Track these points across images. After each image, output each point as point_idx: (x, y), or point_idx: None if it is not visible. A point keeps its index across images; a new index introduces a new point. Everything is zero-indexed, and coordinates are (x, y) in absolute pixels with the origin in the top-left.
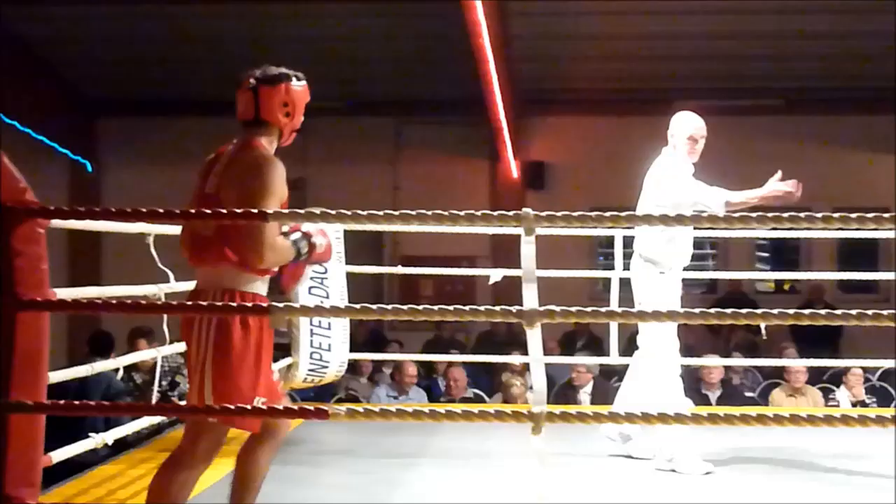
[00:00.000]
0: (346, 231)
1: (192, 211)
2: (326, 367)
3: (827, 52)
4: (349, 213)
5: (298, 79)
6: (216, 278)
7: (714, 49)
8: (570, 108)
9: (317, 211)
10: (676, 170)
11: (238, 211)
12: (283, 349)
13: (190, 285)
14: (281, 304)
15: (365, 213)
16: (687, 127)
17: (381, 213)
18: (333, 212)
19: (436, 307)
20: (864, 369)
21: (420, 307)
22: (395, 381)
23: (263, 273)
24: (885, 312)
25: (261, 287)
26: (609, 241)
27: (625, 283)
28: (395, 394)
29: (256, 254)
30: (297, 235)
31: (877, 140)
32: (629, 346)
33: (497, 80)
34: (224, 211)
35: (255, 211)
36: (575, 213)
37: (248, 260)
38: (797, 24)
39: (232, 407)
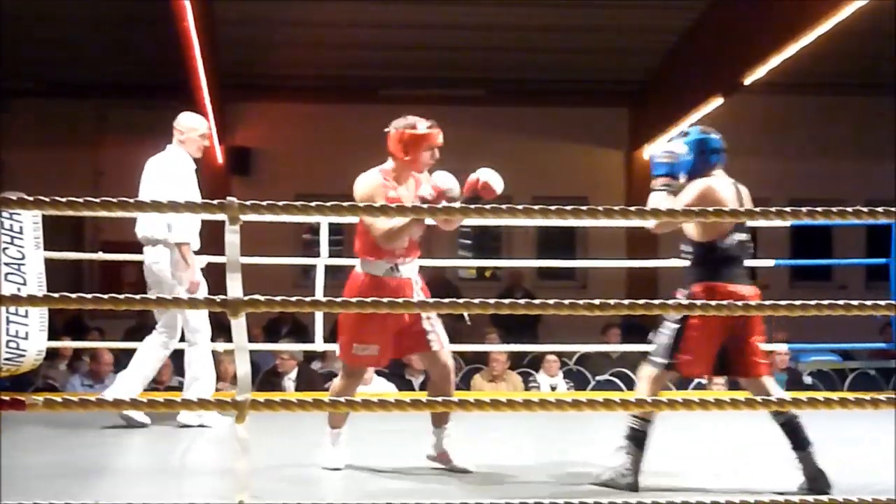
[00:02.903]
0: (44, 216)
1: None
2: (23, 355)
3: (529, 45)
4: (48, 199)
5: (428, 127)
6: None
7: (420, 39)
8: (276, 94)
9: (13, 196)
10: (182, 166)
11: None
12: None
13: None
14: None
15: (65, 199)
16: (197, 126)
17: (81, 199)
18: (31, 198)
19: (138, 296)
20: (562, 354)
21: (121, 296)
22: (92, 369)
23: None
24: (581, 302)
25: (373, 267)
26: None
27: (329, 270)
28: (90, 382)
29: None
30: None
31: (575, 132)
32: (335, 332)
33: (202, 65)
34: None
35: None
36: (280, 203)
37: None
38: (501, 16)
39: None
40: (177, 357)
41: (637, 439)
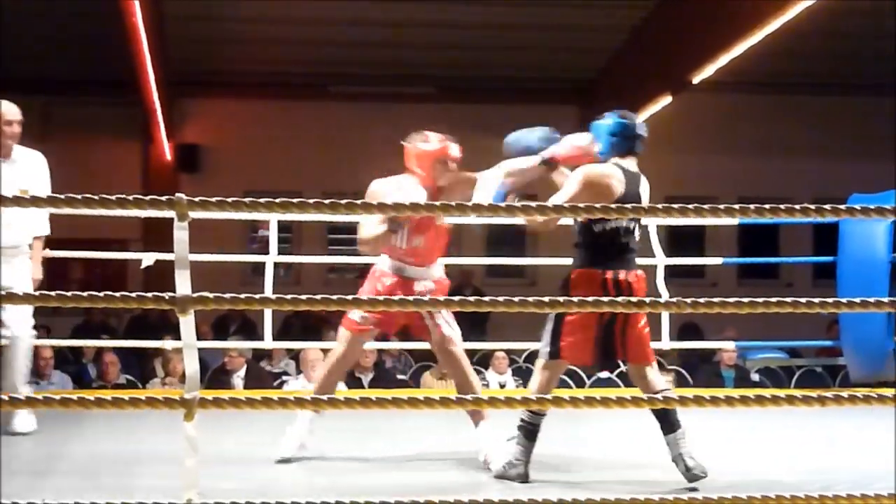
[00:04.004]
0: None
1: None
2: None
3: (479, 43)
4: None
5: (440, 142)
6: None
7: (369, 36)
8: (226, 91)
9: None
10: None
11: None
12: None
13: None
14: None
15: (10, 195)
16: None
17: (27, 196)
18: None
19: (85, 293)
20: (511, 351)
21: (69, 293)
22: (35, 366)
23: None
24: (531, 299)
25: (385, 263)
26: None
27: (278, 267)
28: (35, 380)
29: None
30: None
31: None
32: (283, 330)
33: (150, 61)
34: None
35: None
36: (229, 199)
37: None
38: (451, 13)
39: None
40: (125, 355)
41: (528, 431)
